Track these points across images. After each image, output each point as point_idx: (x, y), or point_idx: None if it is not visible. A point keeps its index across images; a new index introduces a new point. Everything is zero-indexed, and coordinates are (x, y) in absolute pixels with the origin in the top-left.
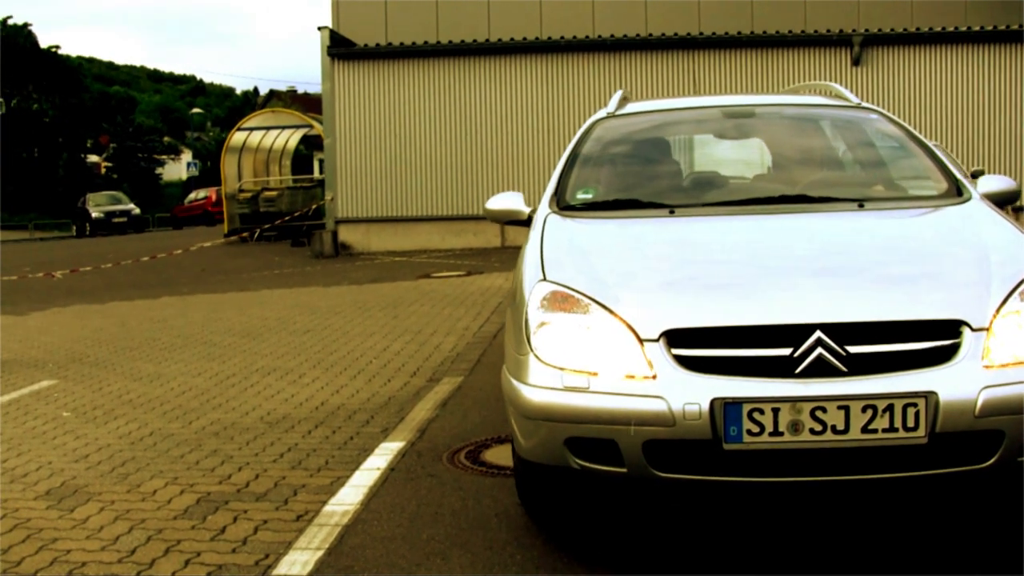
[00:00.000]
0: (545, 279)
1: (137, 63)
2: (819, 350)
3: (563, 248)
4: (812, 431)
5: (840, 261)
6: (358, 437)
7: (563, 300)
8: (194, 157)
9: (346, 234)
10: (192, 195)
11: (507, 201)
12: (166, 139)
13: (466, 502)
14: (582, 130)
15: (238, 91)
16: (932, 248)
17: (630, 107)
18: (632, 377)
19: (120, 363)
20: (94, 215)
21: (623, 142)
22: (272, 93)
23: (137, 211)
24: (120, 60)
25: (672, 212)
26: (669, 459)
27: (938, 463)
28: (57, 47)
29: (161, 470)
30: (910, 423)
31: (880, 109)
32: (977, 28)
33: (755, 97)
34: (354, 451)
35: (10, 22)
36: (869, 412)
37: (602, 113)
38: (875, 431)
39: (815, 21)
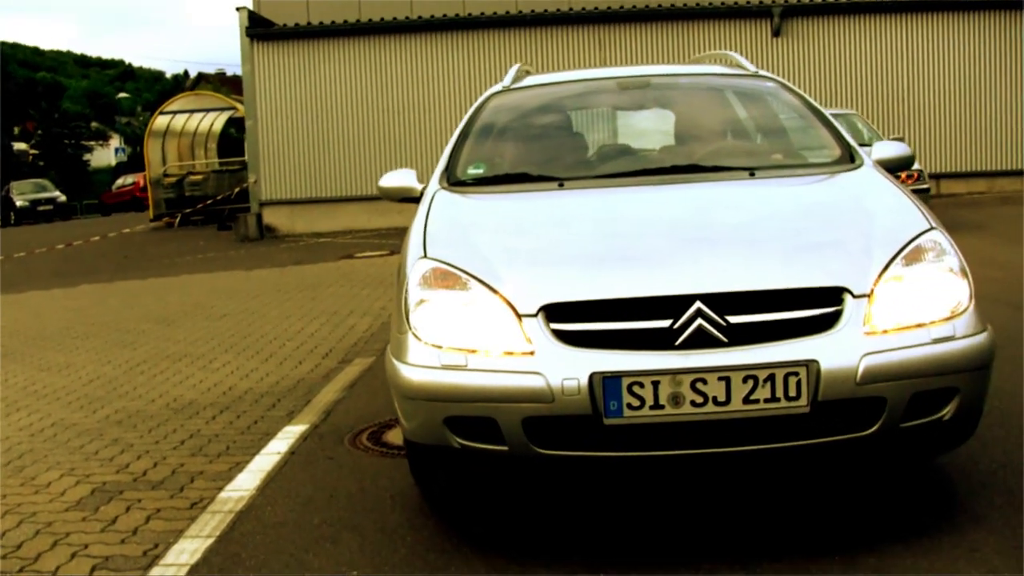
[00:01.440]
0: (426, 256)
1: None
2: (699, 321)
3: (447, 224)
4: (693, 403)
5: (723, 231)
6: (262, 421)
7: (443, 277)
8: (124, 142)
9: (271, 216)
10: (120, 181)
11: (399, 178)
12: (94, 125)
13: (363, 484)
14: (476, 104)
15: (168, 75)
16: (817, 216)
17: (528, 80)
18: (511, 354)
19: (29, 354)
20: (18, 204)
21: (516, 116)
22: (201, 76)
23: (63, 199)
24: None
25: (561, 185)
26: (550, 436)
27: (821, 432)
28: None
29: (58, 461)
30: (792, 392)
31: (776, 77)
32: None
33: (653, 68)
34: (257, 436)
35: None
36: (750, 382)
37: (497, 87)
38: (757, 401)
39: None
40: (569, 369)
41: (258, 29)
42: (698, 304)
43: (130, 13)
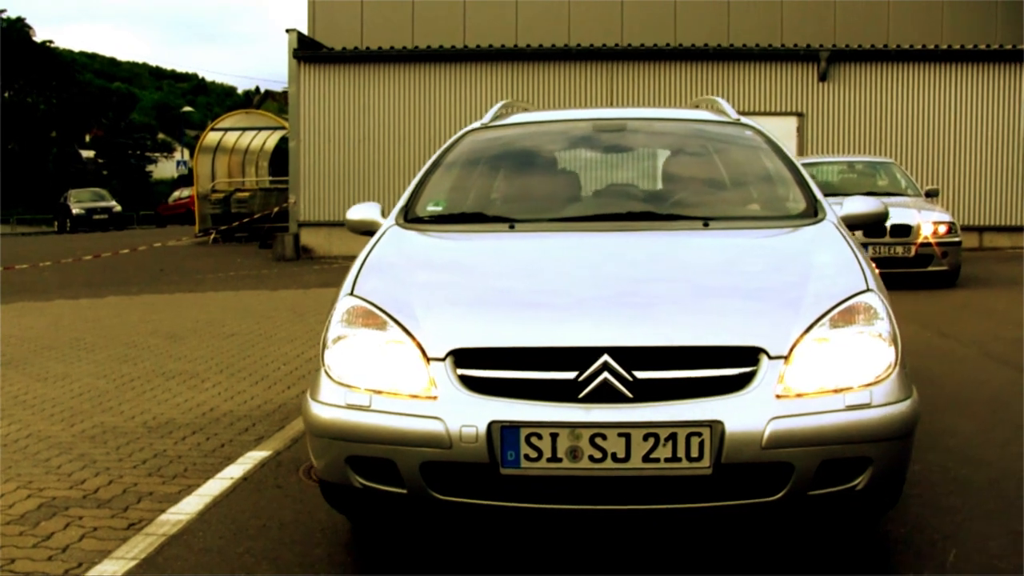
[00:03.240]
0: (352, 293)
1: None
2: (605, 374)
3: (383, 262)
4: (592, 458)
5: (650, 283)
6: (229, 445)
7: (364, 316)
8: (188, 156)
9: (308, 237)
10: (176, 193)
11: (363, 211)
12: (161, 136)
13: (299, 516)
14: (450, 141)
15: (240, 90)
16: (753, 271)
17: (513, 118)
18: (415, 397)
19: (32, 363)
20: (75, 211)
21: (486, 154)
22: (267, 93)
23: (118, 208)
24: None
25: (512, 227)
26: (447, 481)
27: (724, 495)
28: (50, 41)
29: (19, 473)
30: (694, 453)
31: (756, 125)
32: (945, 47)
33: (635, 111)
34: (218, 459)
35: (4, 15)
36: (651, 440)
37: (476, 124)
38: (657, 460)
39: (791, 35)
40: (469, 416)
41: (306, 51)
42: (605, 357)
43: (207, 27)
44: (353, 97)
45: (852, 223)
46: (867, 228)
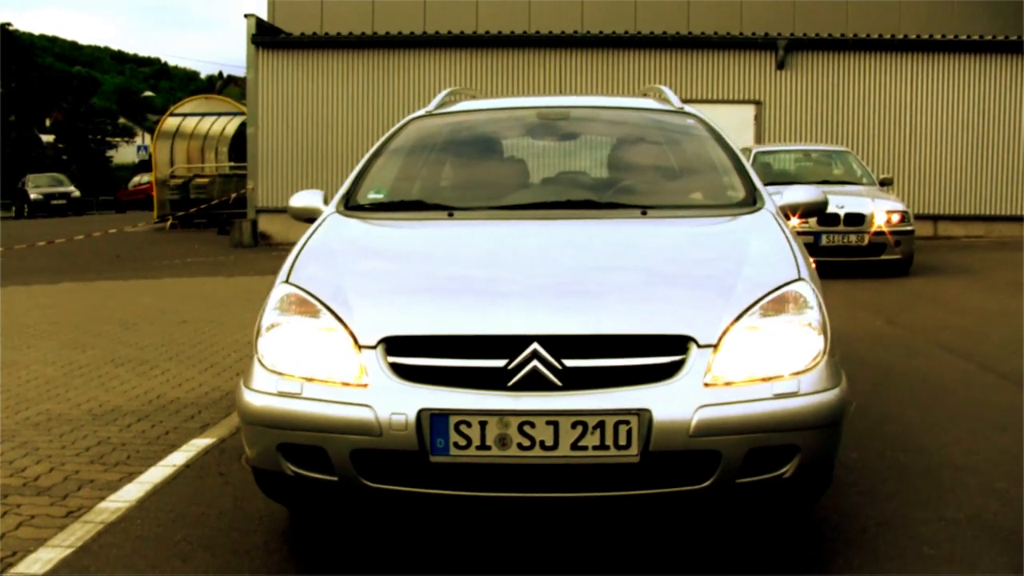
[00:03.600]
0: (287, 281)
1: (102, 44)
2: (534, 363)
3: (321, 250)
4: (520, 446)
5: (583, 272)
6: (174, 432)
7: (299, 303)
8: (149, 140)
9: (266, 224)
10: (136, 179)
11: (306, 199)
12: (121, 121)
13: (239, 503)
14: (394, 128)
15: (203, 75)
16: (687, 260)
17: (458, 106)
18: (346, 385)
19: None
20: (32, 196)
21: (429, 142)
22: (230, 79)
23: (77, 193)
24: (84, 40)
25: (451, 215)
26: (378, 469)
27: (652, 483)
28: (9, 24)
29: None
30: (622, 441)
31: (699, 114)
32: (901, 37)
33: (580, 99)
34: (162, 447)
35: None
36: (579, 428)
37: (421, 112)
38: (585, 448)
39: (750, 24)
40: (399, 404)
41: (264, 37)
42: (535, 346)
43: (170, 13)
44: (312, 83)
45: (795, 211)
46: (809, 216)
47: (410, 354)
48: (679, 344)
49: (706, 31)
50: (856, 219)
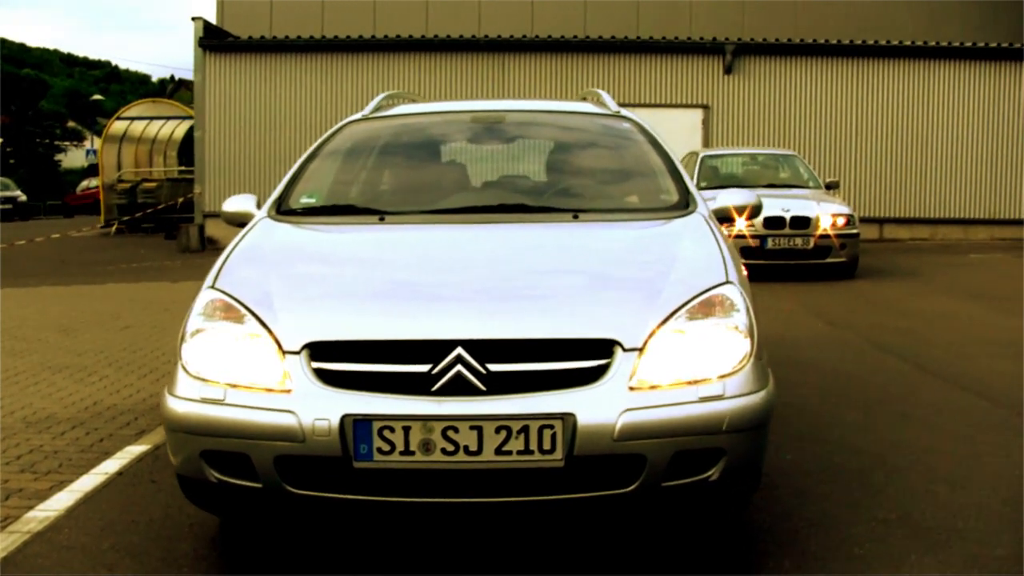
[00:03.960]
0: (213, 286)
1: (51, 46)
2: (458, 367)
3: (248, 255)
4: (444, 451)
5: (510, 276)
6: (109, 439)
7: (224, 309)
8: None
9: (213, 228)
10: (84, 183)
11: (238, 203)
12: (71, 125)
13: (169, 511)
14: (329, 132)
15: (154, 79)
16: (615, 263)
17: (395, 110)
18: (270, 391)
19: None
20: None
21: (363, 146)
22: (181, 82)
23: (23, 198)
24: (33, 42)
25: (382, 219)
26: (301, 475)
27: (577, 487)
28: None
29: None
30: (546, 445)
31: (635, 117)
32: (847, 42)
33: (516, 103)
34: (96, 454)
35: None
36: (503, 433)
37: (357, 115)
38: (510, 453)
39: (700, 29)
40: (322, 409)
41: (211, 40)
42: (459, 350)
43: (120, 15)
44: (260, 87)
45: (727, 215)
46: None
47: (335, 359)
48: (605, 348)
49: (656, 36)
50: (802, 222)
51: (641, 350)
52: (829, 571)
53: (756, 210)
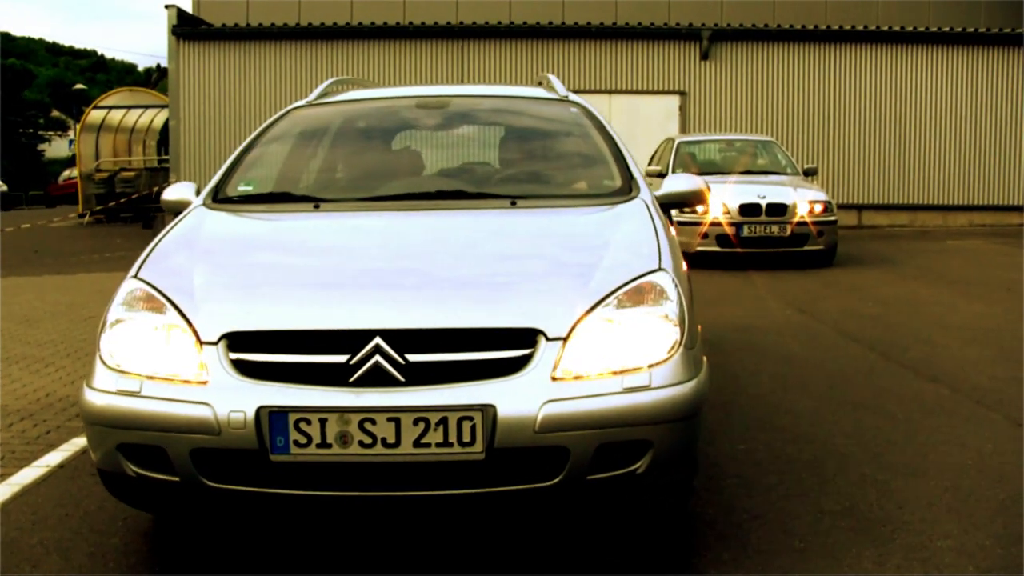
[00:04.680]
0: (136, 276)
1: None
2: (376, 358)
3: (176, 244)
4: (362, 443)
5: (437, 265)
6: (56, 431)
7: (145, 299)
8: None
9: None
10: (66, 173)
11: (178, 192)
12: (55, 114)
13: (104, 504)
14: (273, 118)
15: (140, 68)
16: (547, 252)
17: (341, 96)
18: (187, 382)
19: None
20: None
21: (305, 133)
22: (165, 71)
23: (4, 188)
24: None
25: (317, 207)
26: (218, 468)
27: (499, 480)
28: None
29: None
30: (466, 438)
31: (583, 102)
32: (824, 27)
33: (463, 88)
34: (41, 446)
35: None
36: (421, 425)
37: (301, 102)
38: (428, 445)
39: (678, 15)
40: (238, 401)
41: (185, 28)
42: (377, 340)
43: (106, 4)
44: (235, 75)
45: (672, 201)
46: (689, 205)
47: (253, 350)
48: (528, 337)
49: (632, 23)
50: (778, 209)
51: (566, 339)
52: (768, 565)
53: (701, 196)
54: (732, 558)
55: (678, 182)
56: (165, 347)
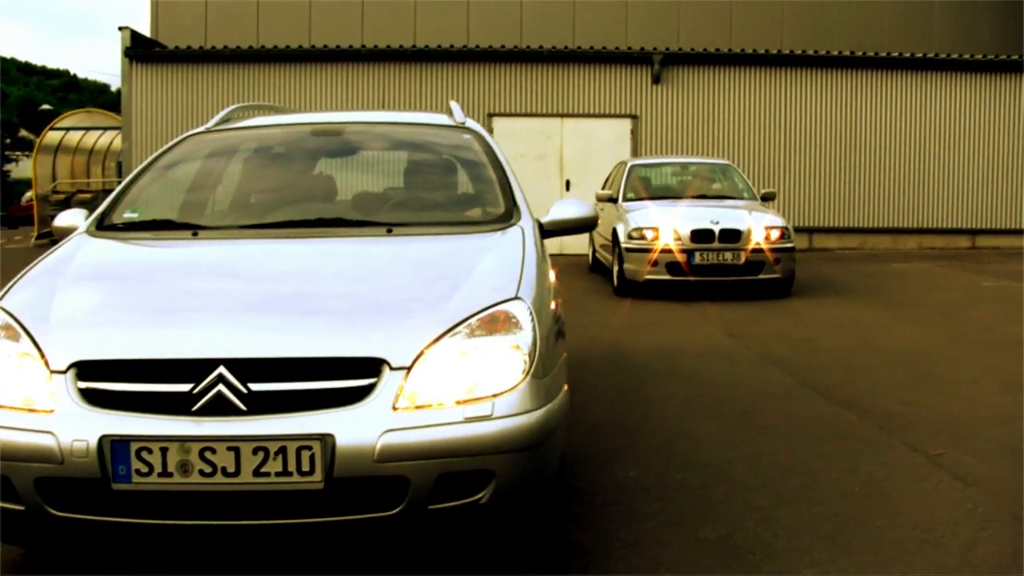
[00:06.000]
0: None
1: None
2: (219, 387)
3: (45, 271)
4: (202, 472)
5: (291, 293)
6: None
7: (3, 327)
8: None
9: None
10: (29, 194)
11: (68, 218)
12: (23, 134)
13: None
14: (168, 144)
15: (113, 88)
16: (407, 279)
17: (240, 122)
18: (34, 411)
19: None
20: None
21: (197, 159)
22: None
23: None
24: None
25: (195, 235)
26: (62, 497)
27: (338, 510)
28: None
29: None
30: (305, 467)
31: (478, 129)
32: (775, 52)
33: (360, 114)
34: None
35: None
36: (261, 454)
37: (200, 128)
38: (268, 474)
39: (635, 39)
40: (81, 430)
41: (138, 50)
42: (220, 369)
43: (80, 22)
44: (189, 98)
45: (560, 228)
46: (580, 232)
47: (101, 379)
48: (372, 367)
49: (584, 46)
50: (732, 235)
51: (410, 368)
52: None
53: (591, 222)
54: None
55: (565, 208)
56: (17, 376)
